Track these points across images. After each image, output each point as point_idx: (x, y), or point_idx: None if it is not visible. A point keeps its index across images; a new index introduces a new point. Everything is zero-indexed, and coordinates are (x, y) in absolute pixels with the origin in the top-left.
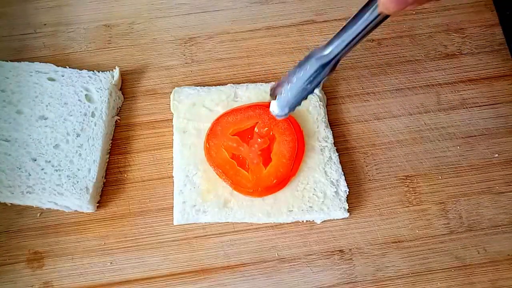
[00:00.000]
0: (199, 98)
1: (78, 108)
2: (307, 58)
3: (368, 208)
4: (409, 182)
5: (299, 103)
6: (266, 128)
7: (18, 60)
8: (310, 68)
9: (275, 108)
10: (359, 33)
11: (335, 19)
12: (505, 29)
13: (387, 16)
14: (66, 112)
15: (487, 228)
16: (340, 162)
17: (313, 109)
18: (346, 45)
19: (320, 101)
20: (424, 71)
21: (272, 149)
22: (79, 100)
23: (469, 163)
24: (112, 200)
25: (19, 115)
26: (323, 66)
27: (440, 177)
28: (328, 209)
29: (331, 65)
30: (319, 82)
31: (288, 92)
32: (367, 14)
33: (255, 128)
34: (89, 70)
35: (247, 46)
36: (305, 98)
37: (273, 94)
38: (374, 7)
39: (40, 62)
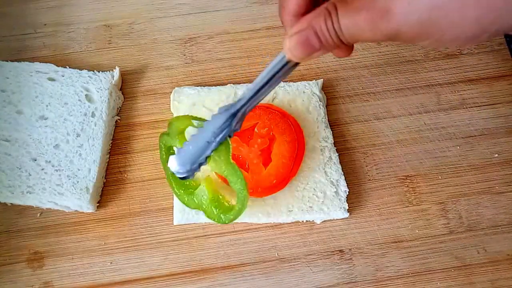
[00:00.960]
0: (199, 98)
1: (78, 108)
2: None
3: (368, 208)
4: (409, 182)
5: (203, 161)
6: (266, 128)
7: (18, 60)
8: (217, 120)
9: (173, 164)
10: (268, 81)
11: None
12: None
13: (296, 64)
14: (66, 112)
15: (487, 228)
16: (340, 162)
17: (313, 109)
18: (254, 94)
19: (320, 101)
20: (424, 71)
21: (272, 150)
22: (79, 100)
23: (469, 163)
24: (112, 200)
25: (19, 115)
26: (231, 116)
27: (440, 177)
28: (328, 209)
29: (238, 117)
30: (225, 136)
31: (189, 145)
32: (275, 61)
33: (255, 128)
34: (89, 70)
35: (247, 46)
36: (209, 155)
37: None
38: (282, 55)
39: (40, 62)
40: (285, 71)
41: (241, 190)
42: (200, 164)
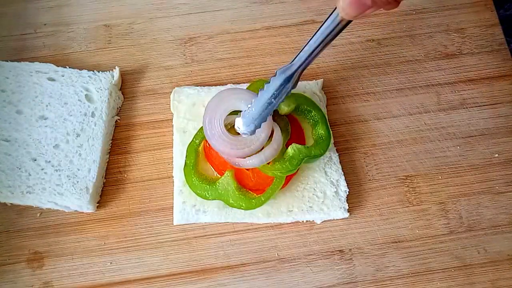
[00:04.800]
0: (199, 98)
1: (78, 108)
2: (272, 77)
3: (368, 208)
4: (409, 182)
5: (264, 119)
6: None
7: (18, 60)
8: (274, 82)
9: (240, 125)
10: (321, 42)
11: None
12: (505, 29)
13: (348, 22)
14: (66, 112)
15: (487, 228)
16: (340, 162)
17: None
18: (309, 55)
19: (320, 101)
20: (424, 71)
21: None
22: (79, 100)
23: (469, 163)
24: (112, 200)
25: (19, 115)
26: (287, 79)
27: (440, 177)
28: (328, 209)
29: (295, 77)
30: (284, 96)
31: (253, 107)
32: (329, 21)
33: None
34: (89, 70)
35: (247, 46)
36: (271, 113)
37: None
38: (335, 14)
39: (40, 62)
40: (337, 31)
41: (317, 116)
42: (261, 122)
